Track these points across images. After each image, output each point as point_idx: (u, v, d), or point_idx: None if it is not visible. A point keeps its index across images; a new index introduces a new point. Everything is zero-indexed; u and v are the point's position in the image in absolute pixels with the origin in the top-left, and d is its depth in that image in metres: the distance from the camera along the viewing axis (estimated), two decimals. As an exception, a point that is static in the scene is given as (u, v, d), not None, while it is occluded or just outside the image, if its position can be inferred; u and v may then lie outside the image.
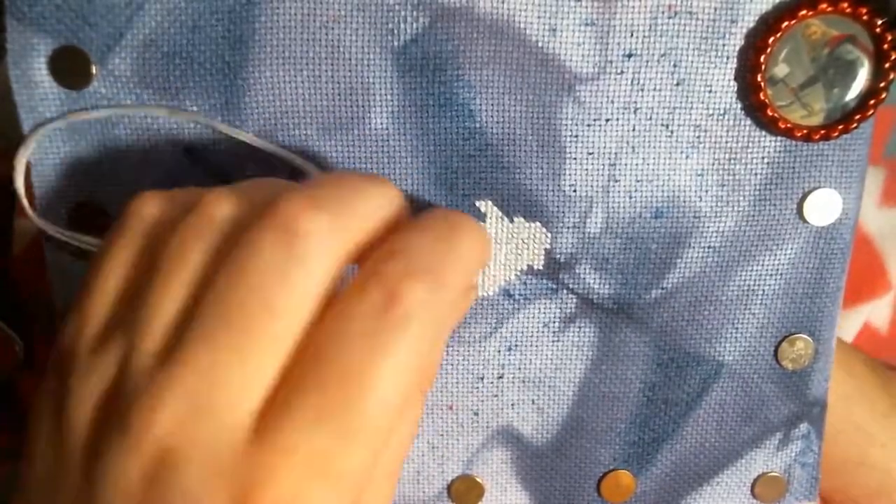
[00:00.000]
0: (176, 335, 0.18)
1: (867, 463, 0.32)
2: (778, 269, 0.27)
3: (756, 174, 0.26)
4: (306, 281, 0.18)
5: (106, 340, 0.19)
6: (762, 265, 0.27)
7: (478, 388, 0.28)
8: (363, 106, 0.25)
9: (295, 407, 0.18)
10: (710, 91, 0.25)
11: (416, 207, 0.26)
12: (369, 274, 0.19)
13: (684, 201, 0.26)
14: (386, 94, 0.25)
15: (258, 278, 0.18)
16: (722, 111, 0.25)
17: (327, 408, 0.17)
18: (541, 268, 0.27)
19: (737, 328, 0.28)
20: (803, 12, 0.24)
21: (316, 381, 0.18)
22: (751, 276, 0.27)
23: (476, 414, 0.28)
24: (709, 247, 0.27)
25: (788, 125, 0.25)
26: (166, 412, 0.17)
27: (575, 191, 0.26)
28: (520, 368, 0.28)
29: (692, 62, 0.25)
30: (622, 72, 0.25)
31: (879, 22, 0.24)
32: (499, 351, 0.28)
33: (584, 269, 0.27)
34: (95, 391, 0.18)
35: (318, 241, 0.18)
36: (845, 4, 0.24)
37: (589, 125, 0.25)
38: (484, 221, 0.26)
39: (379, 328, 0.18)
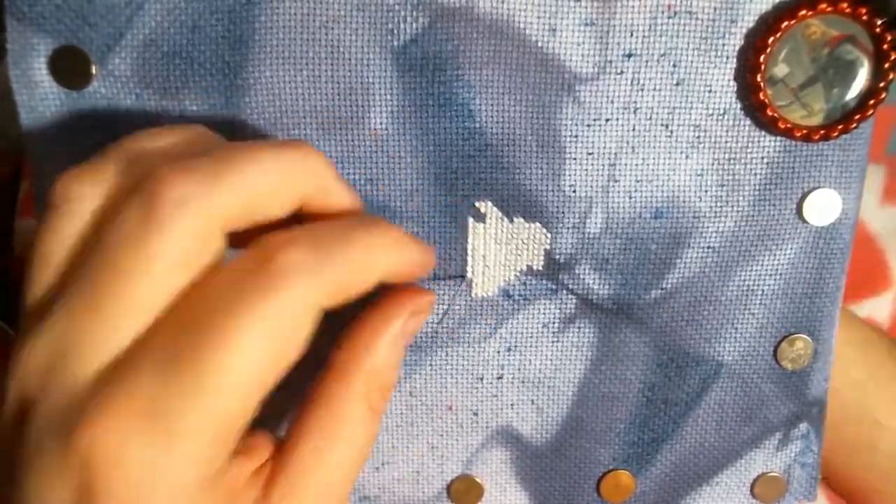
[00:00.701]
0: (51, 301, 0.19)
1: (878, 450, 0.32)
2: (777, 269, 0.27)
3: (756, 174, 0.26)
4: (164, 246, 0.18)
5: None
6: (762, 265, 0.27)
7: (477, 388, 0.28)
8: (363, 106, 0.25)
9: (139, 355, 0.18)
10: (709, 91, 0.25)
11: (416, 208, 0.26)
12: (253, 242, 0.19)
13: (684, 201, 0.26)
14: (386, 94, 0.25)
15: (116, 244, 0.18)
16: (722, 111, 0.25)
17: (172, 356, 0.17)
18: (540, 268, 0.27)
19: (736, 328, 0.28)
20: (803, 12, 0.24)
21: (168, 330, 0.18)
22: (750, 276, 0.27)
23: (475, 414, 0.28)
24: (708, 247, 0.27)
25: (788, 125, 0.25)
26: (29, 365, 0.18)
27: (575, 191, 0.26)
28: (519, 369, 0.28)
29: (692, 62, 0.25)
30: (622, 72, 0.25)
31: (879, 22, 0.24)
32: (498, 351, 0.28)
33: (584, 269, 0.27)
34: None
35: (179, 206, 0.18)
36: (845, 4, 0.24)
37: (589, 125, 0.25)
38: (484, 222, 0.26)
39: (247, 282, 0.18)
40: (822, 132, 0.25)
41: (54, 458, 0.17)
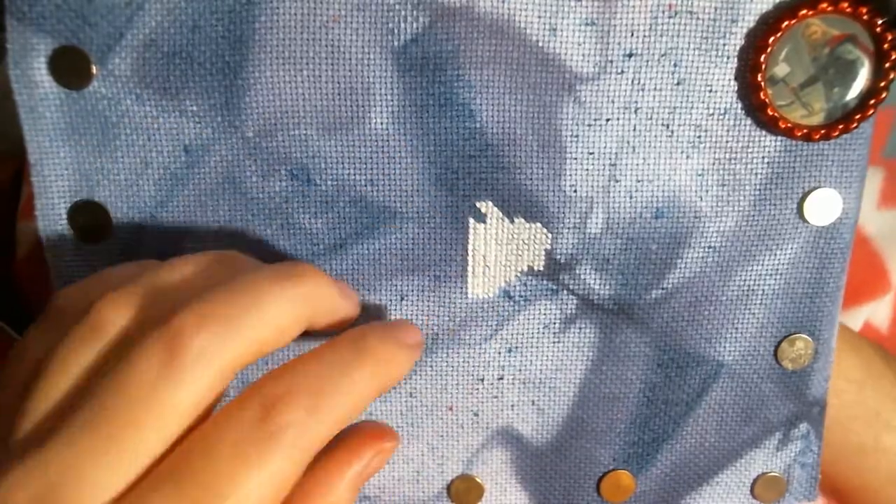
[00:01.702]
0: (49, 430, 0.19)
1: (881, 448, 0.32)
2: (778, 269, 0.27)
3: (756, 174, 0.26)
4: (179, 398, 0.18)
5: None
6: (762, 265, 0.27)
7: (478, 389, 0.28)
8: (363, 106, 0.25)
9: (144, 499, 0.18)
10: (710, 91, 0.25)
11: (417, 208, 0.26)
12: (253, 388, 0.19)
13: (685, 201, 0.26)
14: (386, 94, 0.25)
15: (130, 390, 0.18)
16: (722, 111, 0.25)
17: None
18: (541, 269, 0.27)
19: (737, 328, 0.28)
20: (804, 12, 0.24)
21: (174, 477, 0.18)
22: (751, 275, 0.27)
23: (476, 415, 0.28)
24: (709, 247, 0.27)
25: (788, 125, 0.25)
26: (17, 494, 0.18)
27: (575, 191, 0.26)
28: (520, 370, 0.28)
29: (692, 62, 0.25)
30: (623, 71, 0.25)
31: (879, 22, 0.24)
32: (499, 352, 0.28)
33: (585, 269, 0.27)
34: None
35: (198, 359, 0.19)
36: (845, 4, 0.24)
37: (589, 125, 0.25)
38: (484, 222, 0.26)
39: (249, 439, 0.18)
40: (822, 132, 0.25)
41: None
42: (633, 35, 0.24)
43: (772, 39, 0.24)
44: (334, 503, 0.21)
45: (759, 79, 0.24)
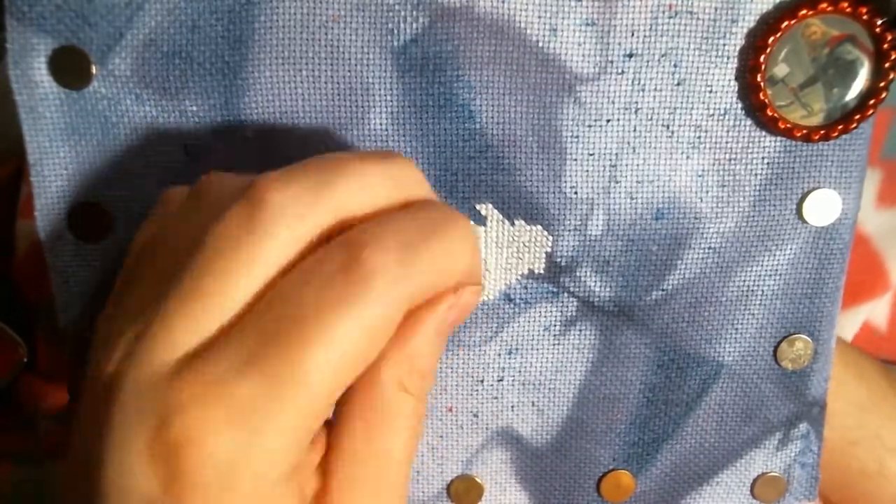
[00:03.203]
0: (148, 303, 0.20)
1: (885, 473, 0.32)
2: (777, 270, 0.27)
3: (756, 174, 0.26)
4: (259, 250, 0.18)
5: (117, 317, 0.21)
6: (762, 265, 0.27)
7: (477, 390, 0.28)
8: (363, 106, 0.25)
9: (226, 345, 0.18)
10: (710, 91, 0.25)
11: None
12: (339, 238, 0.19)
13: (685, 202, 0.26)
14: (386, 95, 0.25)
15: (215, 243, 0.19)
16: (722, 111, 0.25)
17: (260, 352, 0.18)
18: (542, 271, 0.27)
19: (736, 329, 0.28)
20: (803, 12, 0.24)
21: (257, 325, 0.18)
22: (750, 276, 0.27)
23: (476, 416, 0.28)
24: (709, 247, 0.27)
25: (788, 125, 0.25)
26: (118, 348, 0.19)
27: (576, 192, 0.26)
28: (520, 371, 0.28)
29: (693, 62, 0.25)
30: (623, 72, 0.25)
31: (879, 22, 0.24)
32: (499, 354, 0.28)
33: (585, 271, 0.27)
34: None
35: (280, 211, 0.18)
36: (845, 4, 0.24)
37: (590, 126, 0.25)
38: (484, 225, 0.26)
39: (336, 282, 0.18)
40: (822, 132, 0.25)
41: (143, 439, 0.18)
42: (633, 35, 0.24)
43: (771, 40, 0.24)
44: (415, 351, 0.20)
45: (759, 79, 0.24)
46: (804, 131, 0.25)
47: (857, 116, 0.25)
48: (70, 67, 0.24)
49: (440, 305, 0.21)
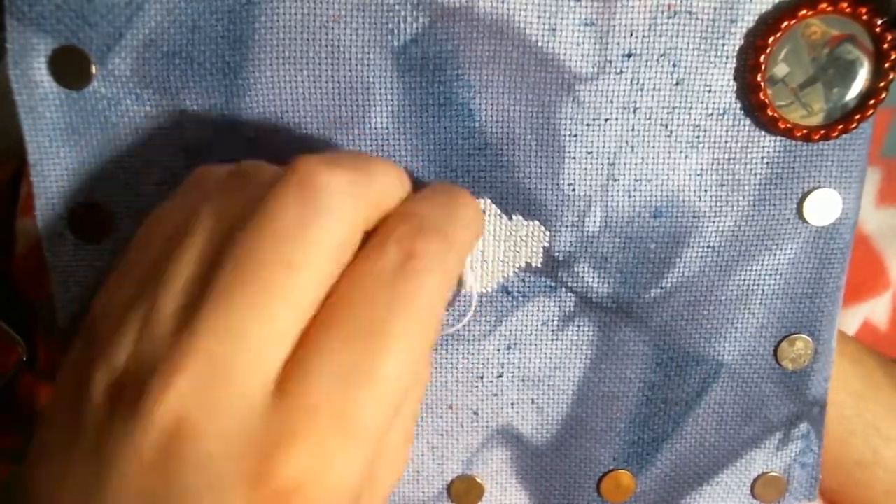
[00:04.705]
0: (195, 297, 0.17)
1: (881, 463, 0.32)
2: (777, 269, 0.27)
3: (755, 174, 0.26)
4: (326, 234, 0.18)
5: (132, 306, 0.18)
6: (762, 265, 0.27)
7: (477, 387, 0.28)
8: (363, 106, 0.25)
9: (316, 365, 0.17)
10: (709, 91, 0.25)
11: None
12: (385, 234, 0.19)
13: (683, 201, 0.26)
14: (386, 94, 0.25)
15: (277, 233, 0.17)
16: (721, 111, 0.25)
17: (349, 362, 0.17)
18: (539, 265, 0.27)
19: (736, 328, 0.28)
20: (803, 12, 0.24)
21: (337, 336, 0.17)
22: (750, 275, 0.27)
23: (476, 413, 0.28)
24: (708, 246, 0.27)
25: (788, 125, 0.25)
26: (182, 380, 0.16)
27: (574, 190, 0.26)
28: (519, 367, 0.28)
29: (692, 62, 0.25)
30: (621, 71, 0.25)
31: (879, 22, 0.24)
32: (498, 349, 0.28)
33: (583, 267, 0.27)
34: (117, 358, 0.18)
35: (338, 194, 0.18)
36: (845, 4, 0.24)
37: (588, 125, 0.25)
38: (482, 219, 0.26)
39: (398, 280, 0.18)
40: (822, 132, 0.25)
41: (244, 487, 0.16)
42: (632, 35, 0.24)
43: (771, 40, 0.24)
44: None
45: (759, 79, 0.24)
46: (804, 131, 0.25)
47: (857, 116, 0.25)
48: (70, 67, 0.24)
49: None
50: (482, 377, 0.28)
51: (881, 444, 0.31)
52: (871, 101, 0.25)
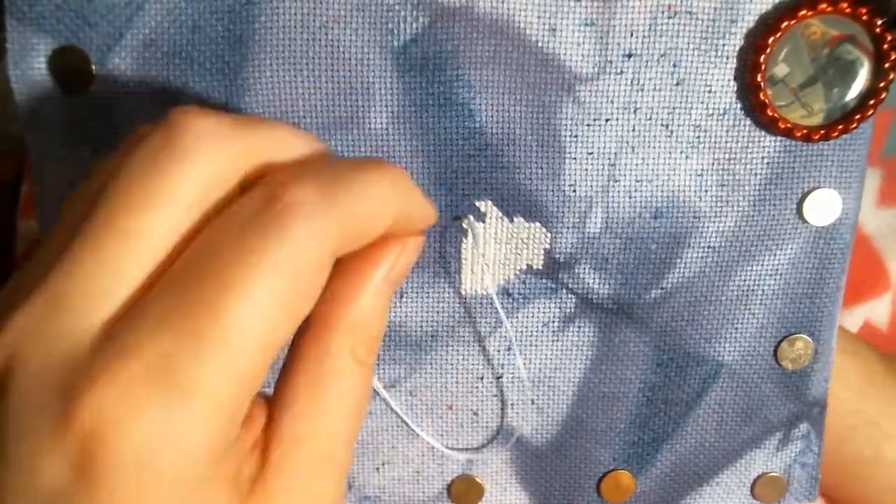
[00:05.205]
0: (64, 246, 0.17)
1: (881, 459, 0.32)
2: (778, 269, 0.27)
3: (756, 174, 0.26)
4: (182, 178, 0.16)
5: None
6: (762, 265, 0.27)
7: (477, 387, 0.28)
8: (363, 106, 0.25)
9: (146, 310, 0.16)
10: (709, 91, 0.25)
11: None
12: (259, 181, 0.17)
13: (684, 201, 0.26)
14: (386, 94, 0.25)
15: (132, 176, 0.16)
16: (722, 111, 0.25)
17: (180, 308, 0.16)
18: (540, 267, 0.27)
19: (736, 328, 0.28)
20: (803, 12, 0.24)
21: (175, 280, 0.16)
22: (750, 276, 0.27)
23: (476, 414, 0.28)
24: (708, 247, 0.27)
25: (788, 125, 0.25)
26: (20, 316, 0.16)
27: (574, 191, 0.26)
28: (519, 368, 0.28)
29: (692, 62, 0.25)
30: (622, 72, 0.25)
31: (879, 22, 0.24)
32: (498, 350, 0.28)
33: (584, 268, 0.27)
34: None
35: (204, 137, 0.17)
36: (845, 4, 0.24)
37: (588, 125, 0.25)
38: (483, 221, 0.26)
39: (254, 226, 0.16)
40: (822, 132, 0.25)
41: (48, 428, 0.15)
42: (632, 35, 0.24)
43: (771, 40, 0.24)
44: (362, 317, 0.19)
45: (759, 79, 0.24)
46: (804, 131, 0.25)
47: (857, 116, 0.25)
48: (70, 67, 0.24)
49: (385, 261, 0.19)
50: (482, 378, 0.28)
51: (882, 441, 0.31)
52: (871, 102, 0.25)
